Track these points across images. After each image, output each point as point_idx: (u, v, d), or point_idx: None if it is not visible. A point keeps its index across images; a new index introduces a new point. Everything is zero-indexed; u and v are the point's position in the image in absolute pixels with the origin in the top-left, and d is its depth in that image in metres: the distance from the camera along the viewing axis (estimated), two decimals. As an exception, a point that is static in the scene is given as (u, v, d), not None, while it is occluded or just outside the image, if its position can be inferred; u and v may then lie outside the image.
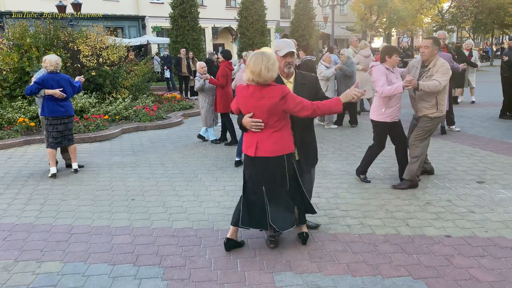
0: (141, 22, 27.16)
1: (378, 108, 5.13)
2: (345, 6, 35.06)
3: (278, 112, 3.24)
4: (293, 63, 3.54)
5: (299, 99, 3.23)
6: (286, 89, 3.23)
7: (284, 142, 3.34)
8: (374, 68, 5.08)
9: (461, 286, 3.03)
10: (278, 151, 3.32)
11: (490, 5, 30.97)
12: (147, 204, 4.86)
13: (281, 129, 3.32)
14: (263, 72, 3.14)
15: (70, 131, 6.13)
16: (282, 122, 3.31)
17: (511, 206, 4.45)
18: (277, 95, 3.19)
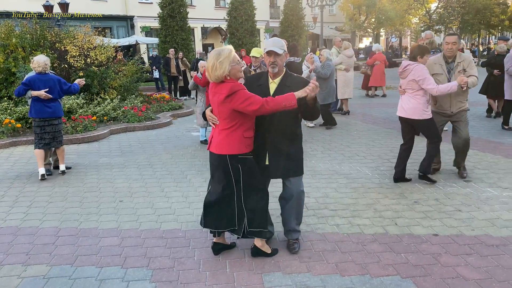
0: (130, 22, 26.97)
1: (423, 107, 4.99)
2: (334, 7, 35.27)
3: (226, 110, 3.12)
4: (278, 63, 3.33)
5: (249, 95, 3.08)
6: (236, 87, 3.08)
7: (230, 142, 3.19)
8: (416, 67, 4.90)
9: (448, 284, 3.05)
10: (221, 150, 3.22)
11: (476, 5, 31.39)
12: (135, 205, 4.82)
13: (230, 128, 3.18)
14: (210, 70, 3.11)
15: (59, 132, 6.03)
16: (233, 122, 3.16)
17: (497, 204, 4.51)
18: (224, 92, 3.09)
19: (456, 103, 5.14)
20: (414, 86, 4.96)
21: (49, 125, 5.90)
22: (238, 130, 3.19)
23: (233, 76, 3.16)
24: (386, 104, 12.12)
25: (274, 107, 3.07)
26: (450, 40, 5.06)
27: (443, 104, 5.23)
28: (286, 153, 3.42)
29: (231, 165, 3.23)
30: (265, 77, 3.46)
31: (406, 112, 5.05)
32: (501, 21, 36.35)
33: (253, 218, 3.36)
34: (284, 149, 3.41)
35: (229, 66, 3.09)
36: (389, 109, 11.21)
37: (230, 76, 3.14)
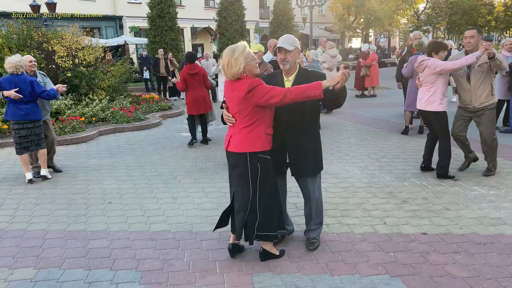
0: (119, 22, 26.78)
1: (437, 100, 5.25)
2: (323, 7, 35.41)
3: (247, 106, 3.10)
4: (288, 60, 3.30)
5: (269, 88, 3.05)
6: (255, 83, 3.07)
7: (251, 139, 3.15)
8: (430, 62, 5.24)
9: (436, 282, 3.08)
10: (241, 148, 3.18)
11: (463, 6, 31.77)
12: (124, 207, 4.79)
13: (251, 126, 3.15)
14: (226, 68, 3.11)
15: (36, 136, 5.75)
16: (254, 118, 3.14)
17: (484, 202, 4.56)
18: (244, 88, 3.06)
19: (477, 98, 5.12)
20: (429, 79, 5.28)
21: (24, 129, 5.67)
22: (259, 126, 3.17)
23: (249, 73, 3.14)
24: (376, 104, 12.20)
25: (297, 95, 3.01)
26: (467, 34, 5.15)
27: (464, 97, 5.28)
28: (304, 149, 3.42)
29: (250, 163, 3.19)
30: (280, 76, 3.43)
31: (422, 104, 5.40)
32: (487, 22, 36.83)
33: (264, 222, 3.30)
34: (304, 148, 3.42)
35: (244, 63, 3.07)
36: (379, 109, 11.29)
37: (246, 72, 3.13)
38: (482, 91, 5.11)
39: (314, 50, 9.14)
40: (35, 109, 5.71)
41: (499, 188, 4.98)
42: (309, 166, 3.46)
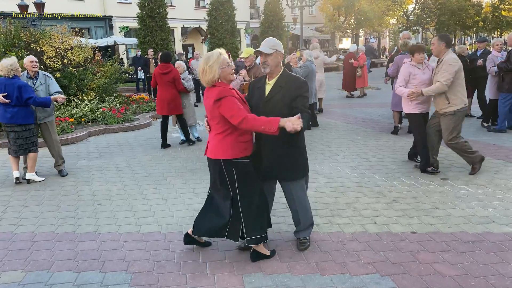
0: (108, 23, 26.59)
1: (406, 100, 5.63)
2: (313, 8, 35.51)
3: (216, 114, 3.11)
4: (268, 63, 3.28)
5: (233, 106, 3.02)
6: (223, 93, 3.05)
7: (223, 146, 3.16)
8: (403, 65, 5.73)
9: (426, 281, 3.10)
10: (215, 154, 3.21)
11: (452, 7, 32.09)
12: (114, 208, 4.75)
13: (223, 133, 3.16)
14: (201, 75, 3.15)
15: (25, 140, 5.63)
16: (225, 126, 3.13)
17: (472, 201, 4.61)
18: (213, 96, 3.07)
19: (438, 104, 5.39)
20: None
21: (11, 132, 5.60)
22: (232, 134, 3.16)
23: (224, 79, 3.16)
24: (366, 104, 12.26)
25: (253, 126, 3.00)
26: (432, 41, 5.54)
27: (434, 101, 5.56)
28: (279, 154, 3.36)
29: (226, 169, 3.21)
30: (264, 79, 3.44)
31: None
32: (475, 22, 37.26)
33: (250, 225, 3.31)
34: (280, 152, 3.35)
35: (219, 70, 3.10)
36: (368, 109, 11.36)
37: (221, 79, 3.15)
38: (439, 99, 5.33)
39: (308, 50, 9.12)
40: (23, 113, 5.57)
41: (487, 187, 5.03)
42: (285, 171, 3.41)
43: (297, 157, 3.42)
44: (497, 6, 42.34)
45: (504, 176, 5.38)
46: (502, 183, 5.12)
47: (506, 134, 7.69)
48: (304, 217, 3.61)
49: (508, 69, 7.49)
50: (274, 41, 3.33)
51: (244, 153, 3.22)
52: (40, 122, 5.92)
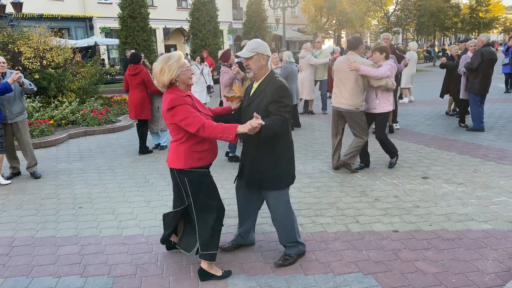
0: (89, 23, 26.22)
1: (386, 100, 5.70)
2: (296, 8, 35.66)
3: (170, 122, 2.98)
4: (250, 67, 3.15)
5: (188, 114, 2.86)
6: (175, 102, 2.88)
7: (177, 155, 3.03)
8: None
9: (407, 279, 3.14)
10: (170, 162, 3.09)
11: (431, 8, 32.57)
12: (96, 211, 4.68)
13: (178, 141, 3.02)
14: (158, 75, 2.97)
15: None
16: (179, 135, 3.00)
17: (452, 199, 4.69)
18: (166, 103, 2.93)
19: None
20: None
21: None
22: (186, 143, 3.01)
23: (182, 84, 3.02)
24: (348, 104, 12.35)
25: (211, 134, 2.85)
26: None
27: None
28: (259, 163, 3.20)
29: (179, 179, 3.09)
30: (252, 83, 3.37)
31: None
32: (454, 24, 37.95)
33: (204, 240, 3.12)
34: (255, 158, 3.20)
35: (178, 71, 2.94)
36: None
37: (179, 82, 3.00)
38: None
39: (288, 52, 9.05)
40: None
41: (466, 185, 5.13)
42: (262, 179, 3.21)
43: (277, 166, 3.18)
44: (475, 7, 43.24)
45: (483, 175, 5.49)
46: (481, 181, 5.23)
47: (484, 133, 7.85)
48: (287, 234, 3.38)
49: (469, 69, 7.82)
50: (256, 43, 3.17)
51: (200, 163, 3.06)
52: (10, 122, 5.77)
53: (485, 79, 7.76)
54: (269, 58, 3.23)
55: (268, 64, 3.22)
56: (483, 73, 7.73)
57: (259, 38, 15.46)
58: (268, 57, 3.18)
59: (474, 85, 7.86)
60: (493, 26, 45.74)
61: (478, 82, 7.80)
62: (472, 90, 7.91)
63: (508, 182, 5.16)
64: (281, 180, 3.22)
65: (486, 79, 7.77)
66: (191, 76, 3.06)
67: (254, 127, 2.77)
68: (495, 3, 45.81)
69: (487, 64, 7.69)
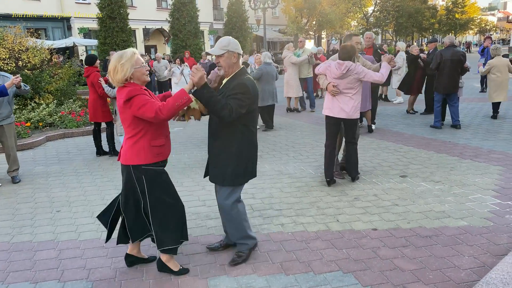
0: (66, 23, 25.75)
1: (359, 106, 5.12)
2: (277, 9, 35.82)
3: (127, 116, 2.96)
4: (221, 64, 3.15)
5: (145, 101, 2.87)
6: (133, 92, 2.89)
7: (134, 151, 2.99)
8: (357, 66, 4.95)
9: (386, 276, 3.19)
10: (125, 160, 3.03)
11: (409, 9, 33.20)
12: (74, 215, 4.60)
13: (135, 136, 2.99)
14: (112, 73, 2.97)
15: None
16: (136, 129, 2.97)
17: (430, 197, 4.78)
18: (123, 96, 2.91)
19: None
20: (354, 85, 4.99)
21: None
22: (144, 137, 2.99)
23: (138, 80, 3.00)
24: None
25: (169, 111, 2.85)
26: (358, 40, 5.72)
27: None
28: (215, 156, 3.25)
29: (135, 175, 3.04)
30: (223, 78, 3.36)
31: (348, 113, 5.02)
32: (431, 24, 38.75)
33: (161, 235, 3.14)
34: (214, 152, 3.25)
35: (131, 69, 2.93)
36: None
37: (134, 79, 2.98)
38: None
39: (266, 53, 9.00)
40: None
41: (443, 183, 5.24)
42: (213, 172, 3.27)
43: (228, 163, 3.19)
44: (451, 9, 44.27)
45: (459, 172, 5.61)
46: (457, 179, 5.35)
47: (461, 132, 8.02)
48: (236, 229, 3.39)
49: (430, 69, 8.32)
50: (227, 40, 3.16)
51: (158, 158, 3.06)
52: None
53: (447, 79, 8.05)
54: (240, 55, 3.20)
55: (239, 62, 3.21)
56: (446, 73, 8.03)
57: (240, 38, 15.68)
58: (239, 54, 3.17)
59: (437, 85, 8.26)
60: (469, 27, 46.90)
61: (440, 82, 8.16)
62: (435, 89, 8.32)
63: (483, 179, 5.29)
64: (236, 177, 3.23)
65: (449, 79, 8.05)
66: (145, 72, 3.04)
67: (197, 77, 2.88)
68: (471, 5, 46.98)
69: (449, 64, 7.98)
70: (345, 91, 5.00)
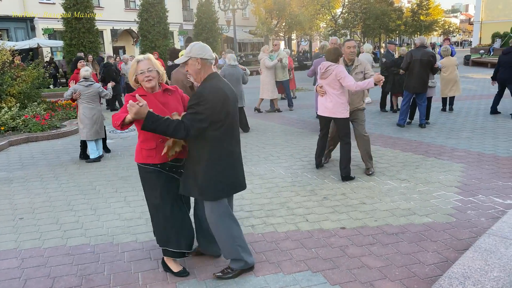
0: (30, 24, 24.94)
1: (344, 106, 5.35)
2: (247, 10, 35.87)
3: None
4: (189, 72, 3.07)
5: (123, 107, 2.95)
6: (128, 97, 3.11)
7: (136, 150, 3.25)
8: (337, 68, 5.20)
9: (354, 274, 3.24)
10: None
11: (376, 11, 33.91)
12: (38, 222, 4.46)
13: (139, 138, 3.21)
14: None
15: None
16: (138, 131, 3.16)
17: (396, 195, 4.90)
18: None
19: (352, 102, 5.55)
20: (335, 86, 5.25)
21: None
22: (138, 140, 3.20)
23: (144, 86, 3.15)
24: (298, 106, 12.59)
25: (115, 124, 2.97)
26: (351, 45, 5.56)
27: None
28: (187, 169, 3.11)
29: (139, 171, 3.29)
30: None
31: (330, 111, 5.39)
32: (397, 26, 39.73)
33: (154, 230, 3.33)
34: (189, 166, 3.10)
35: (133, 76, 3.14)
36: (301, 110, 11.67)
37: (141, 84, 3.16)
38: (356, 96, 5.58)
39: (231, 54, 8.71)
40: None
41: (409, 181, 5.38)
42: (189, 185, 3.10)
43: (203, 176, 3.02)
44: (416, 11, 45.53)
45: (424, 170, 5.77)
46: (422, 177, 5.50)
47: (426, 131, 8.26)
48: (220, 244, 3.22)
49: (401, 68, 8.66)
50: (190, 47, 3.04)
51: (148, 161, 3.13)
52: None
53: (417, 79, 8.29)
54: (208, 60, 3.02)
55: (207, 67, 3.04)
56: (415, 73, 8.29)
57: (210, 39, 15.59)
58: (203, 59, 3.00)
59: (407, 84, 8.53)
60: (433, 28, 48.36)
61: (410, 82, 8.41)
62: (405, 88, 8.59)
63: (446, 177, 5.47)
64: (207, 191, 3.03)
65: (418, 79, 8.29)
66: (144, 79, 3.09)
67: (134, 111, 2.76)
68: (435, 7, 48.46)
69: (418, 64, 8.23)
70: (329, 91, 5.35)
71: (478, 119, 9.28)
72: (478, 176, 5.43)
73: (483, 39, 42.44)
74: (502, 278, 2.83)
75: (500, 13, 42.22)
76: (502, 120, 8.98)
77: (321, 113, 5.57)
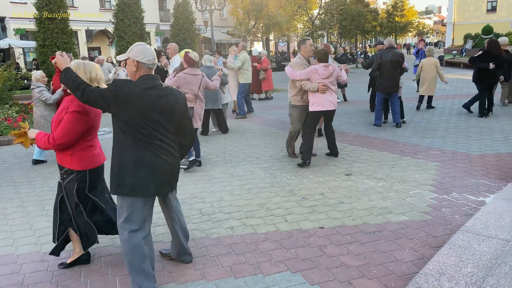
0: (1, 24, 24.26)
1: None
2: (224, 11, 35.77)
3: None
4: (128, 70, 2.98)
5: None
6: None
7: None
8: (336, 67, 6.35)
9: (333, 273, 3.27)
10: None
11: (352, 13, 34.34)
12: (11, 228, 4.33)
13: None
14: None
15: None
16: None
17: (373, 194, 4.97)
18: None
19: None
20: (335, 82, 6.27)
21: None
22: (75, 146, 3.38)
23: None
24: (277, 106, 12.64)
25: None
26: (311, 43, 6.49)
27: None
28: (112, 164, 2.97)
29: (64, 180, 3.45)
30: None
31: (335, 105, 6.24)
32: (373, 27, 40.35)
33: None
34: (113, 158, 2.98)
35: None
36: (279, 110, 11.72)
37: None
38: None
39: (207, 56, 8.44)
40: None
41: (385, 180, 5.46)
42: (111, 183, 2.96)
43: (112, 169, 2.94)
44: (391, 12, 46.36)
45: (400, 169, 5.88)
46: (398, 176, 5.60)
47: (401, 130, 8.41)
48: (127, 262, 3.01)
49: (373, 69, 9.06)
50: (132, 47, 2.96)
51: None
52: None
53: (388, 79, 8.47)
54: (144, 64, 2.90)
55: (143, 71, 2.92)
56: (386, 73, 8.47)
57: (187, 40, 15.42)
58: (139, 63, 2.89)
59: (379, 85, 8.71)
60: (408, 29, 49.34)
61: (381, 82, 8.59)
62: (377, 89, 8.77)
63: (422, 175, 5.58)
64: (117, 185, 2.89)
65: (389, 79, 8.46)
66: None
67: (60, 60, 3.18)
68: (409, 9, 49.46)
69: (389, 65, 8.41)
70: (332, 87, 6.15)
71: (452, 118, 9.52)
72: (452, 174, 5.56)
73: (455, 40, 43.58)
74: (476, 274, 2.90)
75: (472, 15, 43.44)
76: (475, 120, 9.24)
77: (328, 108, 6.16)
